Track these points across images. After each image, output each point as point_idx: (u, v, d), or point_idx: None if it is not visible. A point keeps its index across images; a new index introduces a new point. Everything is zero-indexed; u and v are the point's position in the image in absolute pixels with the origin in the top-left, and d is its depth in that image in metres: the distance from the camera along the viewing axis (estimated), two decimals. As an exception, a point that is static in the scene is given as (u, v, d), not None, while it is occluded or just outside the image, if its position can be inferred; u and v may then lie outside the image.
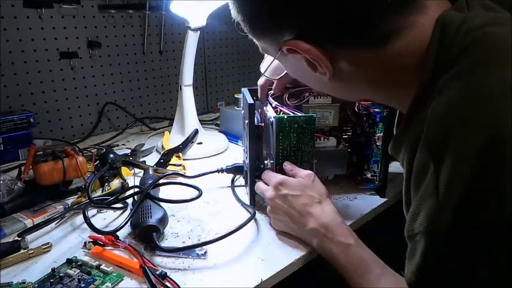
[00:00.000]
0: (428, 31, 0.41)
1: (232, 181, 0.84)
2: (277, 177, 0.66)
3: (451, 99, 0.37)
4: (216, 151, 1.04)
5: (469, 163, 0.34)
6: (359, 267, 0.56)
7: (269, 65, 0.62)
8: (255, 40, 0.52)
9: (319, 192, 0.64)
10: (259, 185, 0.69)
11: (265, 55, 0.65)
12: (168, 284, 0.52)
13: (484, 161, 0.34)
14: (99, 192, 0.79)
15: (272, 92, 0.75)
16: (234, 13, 0.49)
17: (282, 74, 0.68)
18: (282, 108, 0.73)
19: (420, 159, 0.39)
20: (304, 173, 0.66)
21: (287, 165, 0.69)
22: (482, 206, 0.34)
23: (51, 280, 0.54)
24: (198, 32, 0.98)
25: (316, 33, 0.43)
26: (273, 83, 0.74)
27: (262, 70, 0.67)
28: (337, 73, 0.46)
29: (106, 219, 0.71)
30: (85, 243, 0.62)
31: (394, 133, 0.55)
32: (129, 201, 0.74)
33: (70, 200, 0.76)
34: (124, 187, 0.80)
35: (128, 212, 0.72)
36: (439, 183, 0.36)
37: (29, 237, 0.63)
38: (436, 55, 0.40)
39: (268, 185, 0.67)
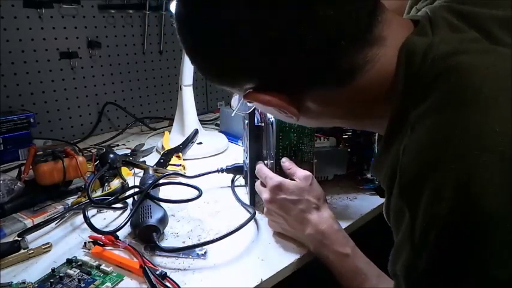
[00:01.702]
0: (392, 62, 0.39)
1: (232, 181, 0.84)
2: (274, 179, 0.64)
3: (421, 142, 0.35)
4: (216, 151, 1.04)
5: (441, 215, 0.32)
6: (355, 277, 0.56)
7: (238, 104, 0.60)
8: None
9: (317, 196, 0.63)
10: (257, 184, 0.69)
11: None
12: (168, 284, 0.52)
13: (457, 215, 0.32)
14: (99, 192, 0.79)
15: None
16: (191, 62, 0.46)
17: (253, 107, 0.66)
18: (282, 108, 0.73)
19: (396, 203, 0.38)
20: (302, 174, 0.64)
21: (285, 162, 0.68)
22: (458, 255, 0.32)
23: (51, 280, 0.54)
24: (198, 32, 0.98)
25: (275, 82, 0.42)
26: None
27: (233, 106, 0.65)
28: (305, 112, 0.44)
29: (106, 219, 0.71)
30: (85, 243, 0.62)
31: (376, 152, 0.54)
32: (129, 201, 0.74)
33: (70, 200, 0.76)
34: (124, 187, 0.80)
35: (128, 212, 0.72)
36: (414, 233, 0.34)
37: (29, 237, 0.63)
38: (403, 87, 0.38)
39: (265, 185, 0.66)
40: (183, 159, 0.96)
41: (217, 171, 0.82)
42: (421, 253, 0.34)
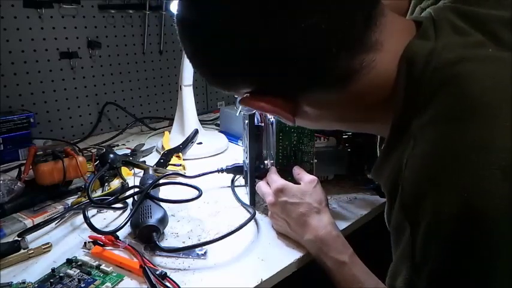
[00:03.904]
0: (390, 68, 0.39)
1: (232, 181, 0.84)
2: (278, 182, 0.65)
3: (422, 157, 0.35)
4: (216, 151, 1.04)
5: (444, 232, 0.32)
6: (352, 285, 0.56)
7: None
8: None
9: (319, 200, 0.63)
10: (261, 186, 0.69)
11: None
12: (168, 284, 0.52)
13: (460, 230, 0.31)
14: (99, 192, 0.79)
15: None
16: (191, 64, 0.46)
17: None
18: (282, 108, 0.73)
19: (397, 218, 0.37)
20: (308, 178, 0.66)
21: (296, 169, 0.69)
22: (459, 273, 0.32)
23: (51, 280, 0.54)
24: (198, 32, 0.98)
25: (269, 87, 0.42)
26: None
27: (238, 106, 0.65)
28: (302, 115, 0.45)
29: (106, 219, 0.71)
30: (85, 243, 0.62)
31: (378, 155, 0.54)
32: (129, 201, 0.74)
33: (70, 200, 0.76)
34: (124, 187, 0.80)
35: (128, 212, 0.72)
36: (415, 249, 0.34)
37: (29, 237, 0.63)
38: (404, 95, 0.38)
39: (270, 188, 0.67)
40: (183, 159, 0.96)
41: (217, 171, 0.82)
42: (421, 271, 0.34)
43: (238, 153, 0.99)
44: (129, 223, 0.63)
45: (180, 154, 0.97)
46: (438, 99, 0.35)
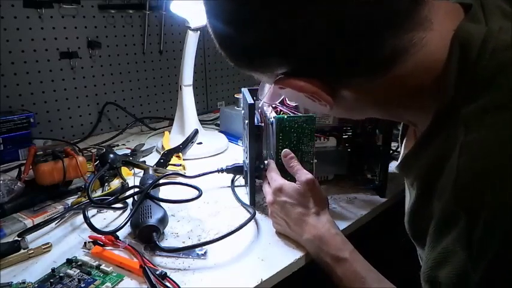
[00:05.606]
0: (440, 49, 0.36)
1: (232, 181, 0.84)
2: (278, 181, 0.65)
3: (487, 142, 0.33)
4: (216, 151, 1.04)
5: (506, 226, 0.30)
6: (354, 282, 0.55)
7: (267, 92, 0.56)
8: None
9: (317, 201, 0.63)
10: (264, 185, 0.70)
11: None
12: (168, 284, 0.52)
13: None
14: (99, 192, 0.79)
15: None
16: (218, 48, 0.42)
17: (282, 98, 0.65)
18: (282, 108, 0.73)
19: (446, 207, 0.35)
20: (303, 179, 0.64)
21: (286, 157, 0.68)
22: None
23: (51, 280, 0.54)
24: (198, 32, 0.99)
25: (310, 67, 0.39)
26: None
27: (260, 96, 0.61)
28: (339, 101, 0.41)
29: (106, 219, 0.71)
30: (85, 243, 0.62)
31: (402, 151, 0.52)
32: (129, 201, 0.74)
33: (70, 200, 0.76)
34: (124, 187, 0.80)
35: (128, 212, 0.72)
36: (473, 240, 0.32)
37: (29, 237, 0.63)
38: (456, 79, 0.35)
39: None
40: (183, 159, 0.96)
41: (217, 171, 0.82)
42: (478, 263, 0.32)
43: (238, 153, 0.99)
44: (129, 223, 0.63)
45: (180, 154, 0.97)
46: (498, 83, 0.33)
